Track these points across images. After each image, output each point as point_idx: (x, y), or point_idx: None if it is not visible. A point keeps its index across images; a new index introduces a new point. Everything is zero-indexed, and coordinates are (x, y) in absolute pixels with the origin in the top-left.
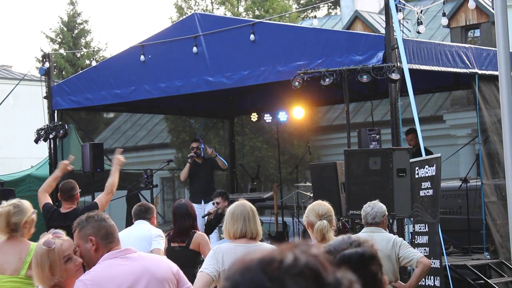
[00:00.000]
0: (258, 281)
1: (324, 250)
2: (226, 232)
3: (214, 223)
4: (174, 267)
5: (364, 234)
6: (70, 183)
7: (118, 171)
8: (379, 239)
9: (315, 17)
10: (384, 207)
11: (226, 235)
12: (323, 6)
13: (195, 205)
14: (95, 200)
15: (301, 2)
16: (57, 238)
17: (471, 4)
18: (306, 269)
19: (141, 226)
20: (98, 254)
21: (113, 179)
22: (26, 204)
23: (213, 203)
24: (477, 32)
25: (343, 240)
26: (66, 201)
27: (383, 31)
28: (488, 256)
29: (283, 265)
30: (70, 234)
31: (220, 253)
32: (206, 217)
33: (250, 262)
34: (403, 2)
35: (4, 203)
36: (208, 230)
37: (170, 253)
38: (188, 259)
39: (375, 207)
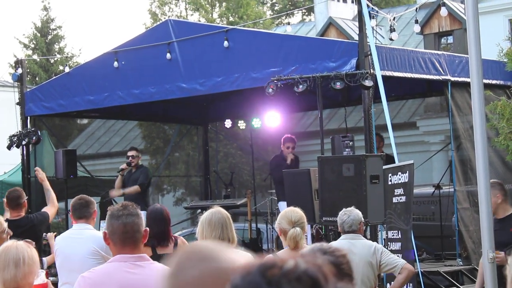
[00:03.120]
0: (256, 283)
1: None
2: (203, 240)
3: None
4: None
5: (344, 241)
6: (17, 192)
7: (48, 185)
8: (360, 246)
9: (289, 23)
10: (360, 214)
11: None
12: (297, 13)
13: None
14: (44, 210)
15: (276, 8)
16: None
17: (443, 12)
18: (305, 275)
19: (86, 235)
20: (112, 250)
21: (51, 193)
22: None
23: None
24: (450, 39)
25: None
26: (13, 210)
27: (357, 37)
28: (461, 263)
29: (282, 270)
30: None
31: None
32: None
33: (250, 267)
34: (376, 9)
35: None
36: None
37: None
38: None
39: (351, 214)
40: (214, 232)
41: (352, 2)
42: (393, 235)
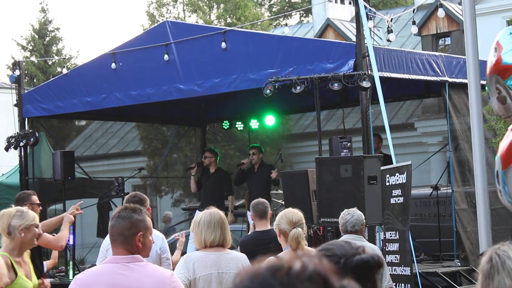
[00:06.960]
0: (269, 285)
1: (326, 255)
2: (202, 241)
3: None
4: None
5: None
6: (23, 193)
7: (68, 227)
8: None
9: (286, 25)
10: (362, 215)
11: (201, 243)
12: (295, 14)
13: None
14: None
15: (273, 10)
16: None
17: (441, 13)
18: (315, 275)
19: None
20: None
21: (64, 233)
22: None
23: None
24: (448, 40)
25: (346, 245)
26: None
27: (354, 39)
28: (459, 263)
29: (292, 271)
30: None
31: (191, 261)
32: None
33: (258, 270)
34: (374, 10)
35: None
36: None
37: None
38: None
39: (354, 214)
40: (214, 234)
41: (350, 3)
42: (390, 236)
